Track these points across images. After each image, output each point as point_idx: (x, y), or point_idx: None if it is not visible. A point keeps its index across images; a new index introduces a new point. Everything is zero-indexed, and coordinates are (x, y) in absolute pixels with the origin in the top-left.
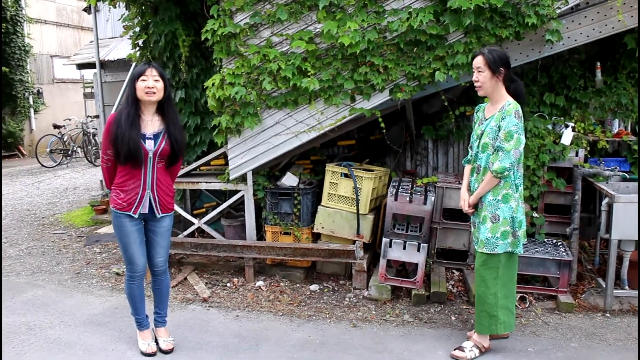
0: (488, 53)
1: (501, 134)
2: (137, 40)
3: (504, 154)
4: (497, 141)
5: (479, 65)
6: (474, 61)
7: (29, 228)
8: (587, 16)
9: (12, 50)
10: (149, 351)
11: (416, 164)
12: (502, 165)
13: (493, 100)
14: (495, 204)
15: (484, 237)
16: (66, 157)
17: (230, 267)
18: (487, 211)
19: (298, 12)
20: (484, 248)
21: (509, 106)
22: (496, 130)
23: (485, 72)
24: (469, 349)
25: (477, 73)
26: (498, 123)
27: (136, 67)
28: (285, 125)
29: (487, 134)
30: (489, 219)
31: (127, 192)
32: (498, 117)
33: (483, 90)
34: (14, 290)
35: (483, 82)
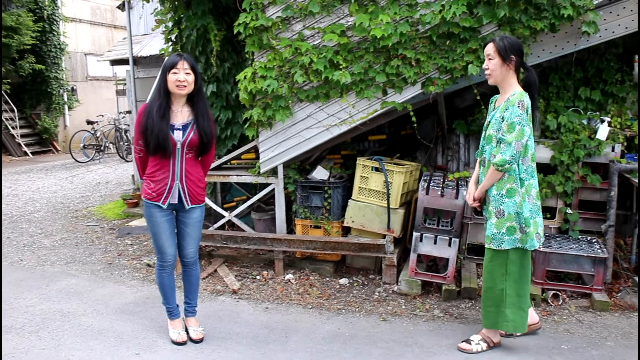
0: (499, 40)
1: (503, 125)
2: (170, 35)
3: (505, 146)
4: (499, 133)
5: (489, 52)
6: (485, 48)
7: (63, 220)
8: (625, 7)
9: (48, 48)
10: (179, 340)
11: (447, 159)
12: (503, 158)
13: (502, 90)
14: (499, 198)
15: (490, 232)
16: (99, 153)
17: (260, 260)
18: (492, 206)
19: (330, 5)
20: (490, 244)
21: (513, 96)
22: (500, 121)
23: (495, 60)
24: (475, 342)
25: (487, 60)
26: (502, 114)
27: (168, 58)
28: (316, 119)
29: (492, 125)
30: (493, 214)
31: (157, 183)
32: (502, 107)
33: (493, 79)
34: (48, 279)
35: (493, 69)
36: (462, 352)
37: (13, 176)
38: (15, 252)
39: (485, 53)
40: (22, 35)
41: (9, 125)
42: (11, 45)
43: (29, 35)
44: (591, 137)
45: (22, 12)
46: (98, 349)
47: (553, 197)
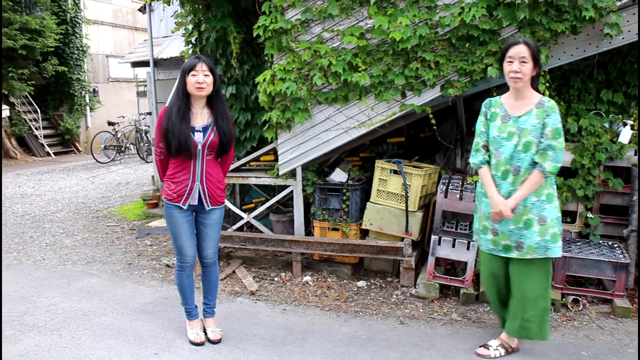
0: (532, 44)
1: (548, 131)
2: (190, 38)
3: (554, 152)
4: (542, 139)
5: (524, 55)
6: (514, 50)
7: (84, 220)
8: None
9: (70, 50)
10: (197, 340)
11: (467, 162)
12: (556, 165)
13: (521, 95)
14: (539, 205)
15: (533, 241)
16: (119, 154)
17: (278, 262)
18: (531, 214)
19: (349, 8)
20: (534, 253)
21: (550, 102)
22: (539, 127)
23: (529, 64)
24: (494, 347)
25: (519, 63)
26: (541, 120)
27: (187, 61)
28: (335, 121)
29: (529, 132)
30: (535, 222)
31: (178, 184)
32: (539, 113)
33: (521, 83)
34: (70, 278)
35: (525, 74)
36: (480, 357)
37: (36, 176)
38: (37, 251)
39: (516, 55)
40: (45, 37)
41: (32, 126)
42: (35, 48)
43: (52, 37)
44: (613, 140)
45: (46, 15)
46: (117, 348)
47: (573, 201)
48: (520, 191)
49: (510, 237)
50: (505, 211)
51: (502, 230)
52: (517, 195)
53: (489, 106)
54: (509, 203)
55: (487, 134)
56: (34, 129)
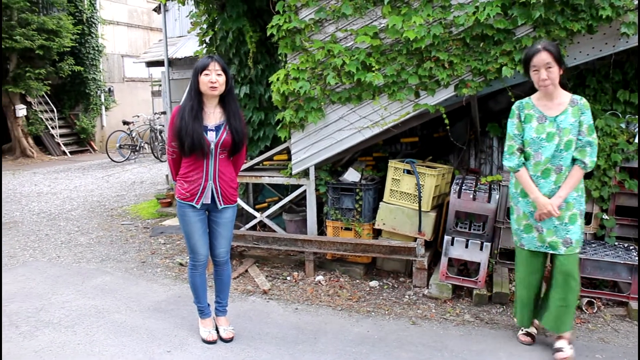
0: (552, 47)
1: (585, 128)
2: (204, 38)
3: (592, 148)
4: (579, 136)
5: (548, 61)
6: (536, 59)
7: (98, 218)
8: None
9: (86, 50)
10: (209, 339)
11: (480, 162)
12: (594, 159)
13: (552, 96)
14: (579, 199)
15: (578, 236)
16: (134, 153)
17: (291, 261)
18: (575, 209)
19: (363, 7)
20: (579, 247)
21: (582, 100)
22: (577, 125)
23: (554, 68)
24: (567, 347)
25: (545, 71)
26: (577, 118)
27: (199, 60)
28: (348, 121)
29: (569, 131)
30: (579, 217)
31: (190, 183)
32: (574, 112)
33: (552, 87)
34: (84, 276)
35: (554, 78)
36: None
37: (52, 175)
38: (53, 249)
39: (540, 64)
40: (62, 37)
41: (49, 125)
42: (52, 48)
43: (68, 37)
44: (629, 141)
45: (63, 15)
46: (130, 345)
47: (589, 202)
48: (565, 188)
49: (557, 233)
50: (554, 209)
51: (548, 227)
52: (562, 193)
53: (522, 108)
54: (555, 202)
55: (522, 136)
56: (50, 128)
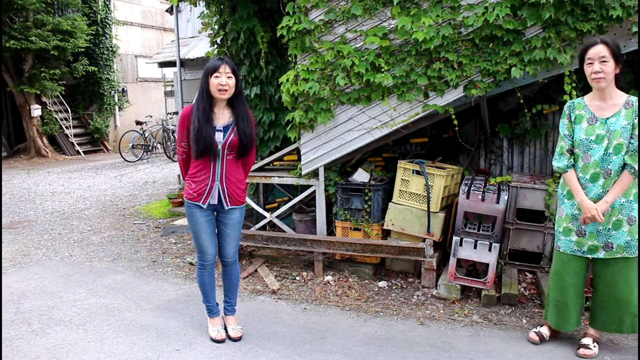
0: (611, 42)
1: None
2: (216, 38)
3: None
4: (632, 140)
5: (604, 54)
6: (592, 50)
7: (111, 218)
8: None
9: (100, 50)
10: (218, 338)
11: (490, 163)
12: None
13: (605, 95)
14: (629, 205)
15: (624, 241)
16: (147, 153)
17: (300, 261)
18: (621, 214)
19: (372, 8)
20: (624, 252)
21: (636, 102)
22: (629, 129)
23: (611, 62)
24: (591, 345)
25: (600, 64)
26: (631, 121)
27: (210, 62)
28: (357, 121)
29: (619, 134)
30: (625, 222)
31: (198, 183)
32: (628, 114)
33: (605, 83)
34: (96, 275)
35: (608, 72)
36: (584, 358)
37: (66, 174)
38: (66, 247)
39: (594, 56)
40: (76, 38)
41: (63, 125)
42: (67, 48)
43: (83, 38)
44: None
45: (77, 16)
46: (140, 343)
47: None
48: (612, 194)
49: (598, 237)
50: (598, 215)
51: (590, 230)
52: (609, 198)
53: (573, 108)
54: (601, 207)
55: (572, 137)
56: (64, 128)
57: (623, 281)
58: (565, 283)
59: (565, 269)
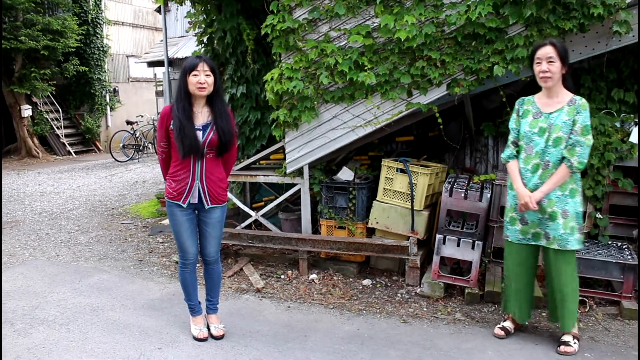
0: (559, 43)
1: (578, 128)
2: (202, 38)
3: (582, 148)
4: (572, 135)
5: (551, 55)
6: (541, 51)
7: (99, 218)
8: None
9: (91, 50)
10: (200, 336)
11: (475, 161)
12: (582, 160)
13: (552, 93)
14: (564, 199)
15: (558, 233)
16: (137, 152)
17: (285, 260)
18: (556, 207)
19: (356, 7)
20: (556, 245)
21: (581, 101)
22: (570, 124)
23: (557, 63)
24: (572, 341)
25: (546, 63)
26: (572, 117)
27: (188, 60)
28: (342, 120)
29: (559, 127)
30: (559, 215)
31: (178, 182)
32: (570, 110)
33: (551, 82)
34: (81, 274)
35: (554, 72)
36: (565, 355)
37: (56, 175)
38: (52, 247)
39: (544, 56)
40: (67, 38)
41: (54, 126)
42: (57, 48)
43: (73, 38)
44: (624, 140)
45: (68, 16)
46: (123, 342)
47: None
48: (547, 184)
49: (540, 225)
50: (530, 203)
51: (532, 219)
52: (544, 188)
53: (522, 104)
54: (535, 195)
55: (519, 130)
56: (55, 128)
57: (561, 274)
58: (511, 272)
59: (512, 258)
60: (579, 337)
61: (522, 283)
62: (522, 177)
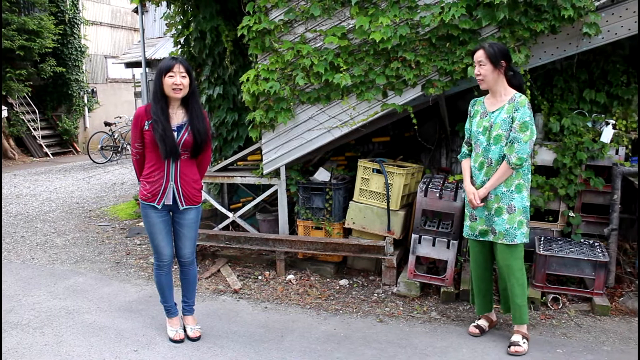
0: (488, 47)
1: (516, 125)
2: (179, 38)
3: (520, 145)
4: (511, 132)
5: (480, 59)
6: (474, 55)
7: (76, 220)
8: (628, 8)
9: (69, 51)
10: (176, 338)
11: (451, 161)
12: (521, 156)
13: (495, 93)
14: (509, 194)
15: (503, 228)
16: (116, 154)
17: (263, 261)
18: (501, 202)
19: (331, 8)
20: (503, 239)
21: (521, 98)
22: (509, 121)
23: (487, 66)
24: (521, 341)
25: (478, 66)
26: (510, 114)
27: (163, 62)
28: (318, 121)
29: (499, 125)
30: (505, 210)
31: (152, 184)
32: (509, 108)
33: (485, 84)
34: (57, 277)
35: (485, 75)
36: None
37: (33, 177)
38: (28, 250)
39: (475, 59)
40: (43, 38)
41: (31, 127)
42: (33, 49)
43: (50, 38)
44: (595, 139)
45: (44, 15)
46: (98, 345)
47: (555, 200)
48: (491, 181)
49: (487, 222)
50: (475, 199)
51: (480, 215)
52: (488, 184)
53: (473, 105)
54: (479, 192)
55: (470, 130)
56: (32, 129)
57: (506, 267)
58: (471, 266)
59: (470, 253)
60: (528, 337)
61: (477, 276)
62: (472, 175)
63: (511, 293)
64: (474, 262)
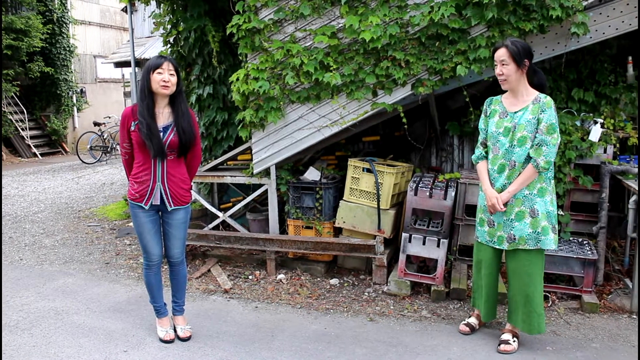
0: (512, 45)
1: (543, 127)
2: (168, 38)
3: (548, 148)
4: (537, 135)
5: (503, 58)
6: (496, 54)
7: (65, 220)
8: (615, 8)
9: (57, 50)
10: (166, 338)
11: (441, 160)
12: (549, 160)
13: (516, 93)
14: (532, 198)
15: (525, 233)
16: (105, 154)
17: (253, 260)
18: (523, 206)
19: (321, 8)
20: (525, 245)
21: (546, 99)
22: (534, 123)
23: (510, 65)
24: (511, 339)
25: (500, 66)
26: (536, 116)
27: (152, 59)
28: (308, 120)
29: (524, 127)
30: (527, 214)
31: (140, 184)
32: (534, 109)
33: (508, 84)
34: (46, 278)
35: (508, 75)
36: (505, 353)
37: (21, 177)
38: (16, 251)
39: (497, 59)
40: (31, 37)
41: (19, 127)
42: (21, 48)
43: (38, 37)
44: (584, 138)
45: (32, 15)
46: (87, 346)
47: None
48: (514, 185)
49: (504, 228)
50: (498, 204)
51: (498, 221)
52: (511, 188)
53: (490, 104)
54: (502, 196)
55: (487, 130)
56: (20, 129)
57: (526, 275)
58: (481, 272)
59: (480, 258)
60: (518, 335)
61: (488, 283)
62: (490, 178)
63: (532, 302)
64: (487, 269)
